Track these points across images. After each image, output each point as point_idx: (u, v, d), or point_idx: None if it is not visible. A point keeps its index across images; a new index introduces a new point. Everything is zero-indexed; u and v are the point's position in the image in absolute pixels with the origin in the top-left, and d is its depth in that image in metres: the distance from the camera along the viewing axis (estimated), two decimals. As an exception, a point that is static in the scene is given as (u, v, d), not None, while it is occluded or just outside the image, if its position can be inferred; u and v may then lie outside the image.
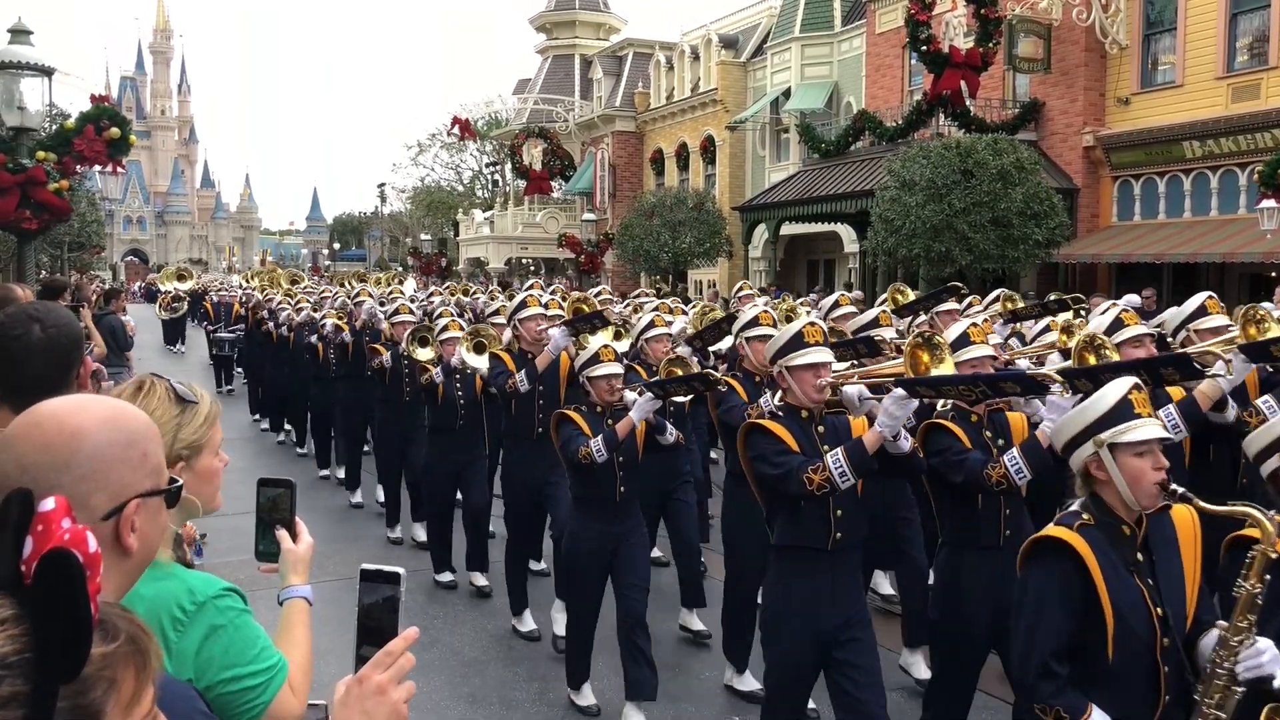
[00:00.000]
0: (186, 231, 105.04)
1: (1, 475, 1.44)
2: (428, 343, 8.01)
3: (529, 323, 6.88)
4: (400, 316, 9.34)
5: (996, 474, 4.25)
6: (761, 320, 5.89)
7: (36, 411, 1.50)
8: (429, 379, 7.65)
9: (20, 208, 11.22)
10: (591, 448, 5.28)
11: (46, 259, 28.04)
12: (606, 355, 5.63)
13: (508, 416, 6.94)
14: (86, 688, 1.06)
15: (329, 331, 11.13)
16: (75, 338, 2.73)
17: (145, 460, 1.53)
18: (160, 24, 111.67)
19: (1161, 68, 20.21)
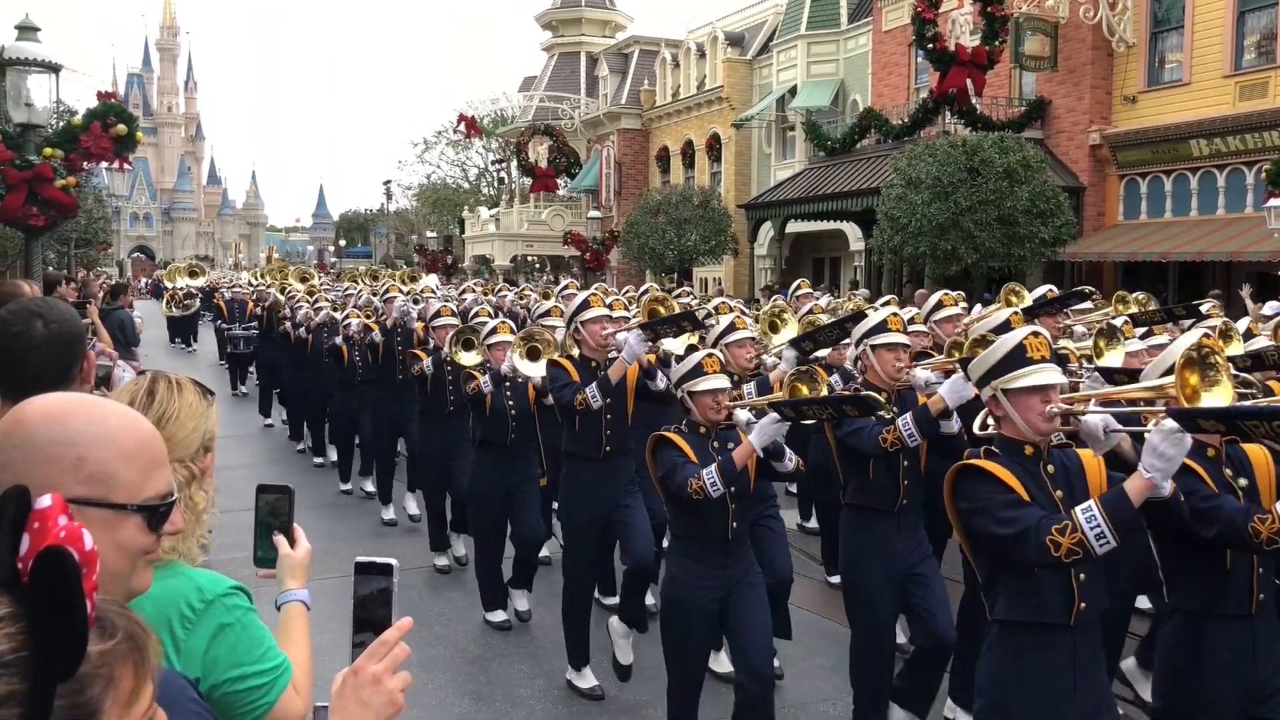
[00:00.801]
0: (193, 228, 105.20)
1: None
2: (472, 346, 7.19)
3: (592, 325, 6.00)
4: (441, 320, 8.39)
5: (1267, 527, 3.29)
6: (891, 325, 5.12)
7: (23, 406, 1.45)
8: (476, 388, 6.76)
9: (27, 204, 11.21)
10: (705, 480, 4.41)
11: (53, 255, 28.07)
12: (711, 367, 4.76)
13: (570, 433, 6.05)
14: (84, 685, 1.06)
15: (355, 332, 10.30)
16: (77, 333, 2.74)
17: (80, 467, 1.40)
18: (167, 21, 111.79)
19: (1169, 66, 20.16)
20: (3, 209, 11.37)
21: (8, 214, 11.44)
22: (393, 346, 9.67)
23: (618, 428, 5.90)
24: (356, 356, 10.49)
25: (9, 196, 11.19)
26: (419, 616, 7.07)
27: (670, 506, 4.88)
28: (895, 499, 4.96)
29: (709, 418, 4.75)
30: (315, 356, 11.84)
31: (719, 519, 4.67)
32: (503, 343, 6.83)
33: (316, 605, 2.36)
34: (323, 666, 2.27)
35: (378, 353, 9.81)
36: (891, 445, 4.63)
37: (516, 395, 6.92)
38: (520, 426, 6.97)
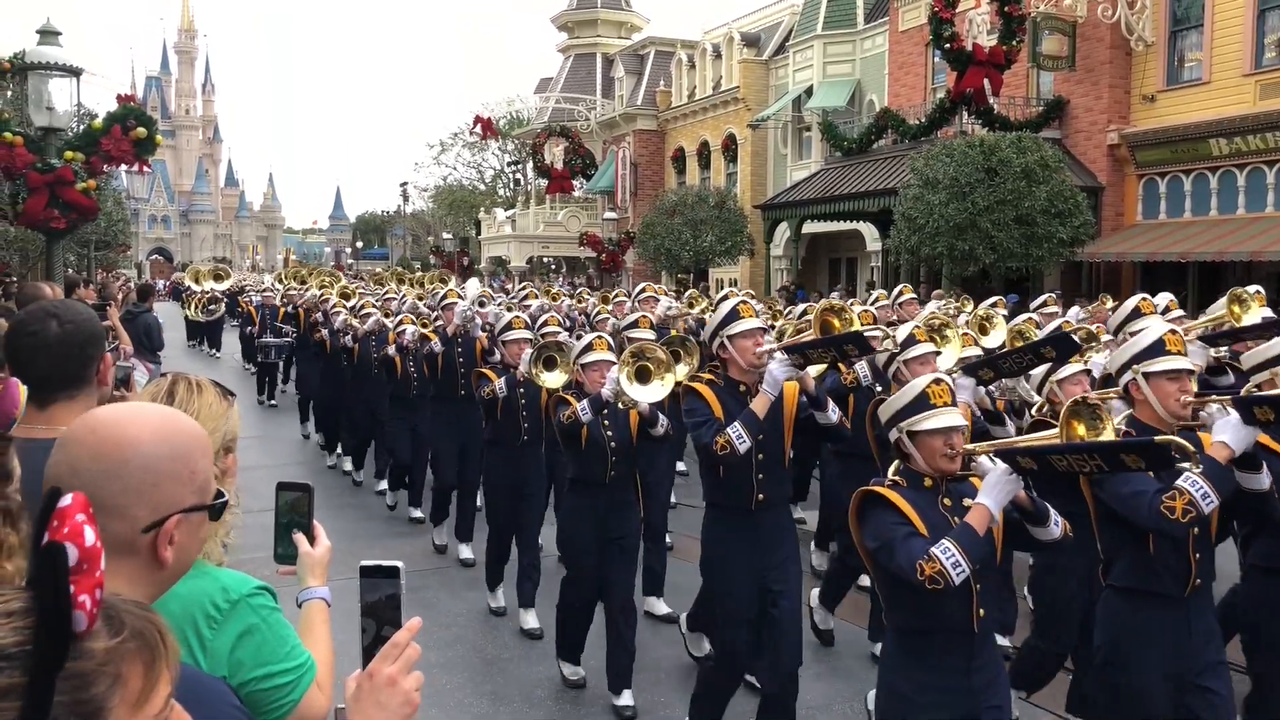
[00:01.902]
0: (211, 230, 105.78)
1: (55, 476, 1.49)
2: (555, 365, 6.15)
3: (743, 341, 4.77)
4: (514, 333, 7.22)
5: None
6: (1169, 345, 4.03)
7: (94, 416, 1.54)
8: (572, 417, 5.58)
9: (49, 207, 11.33)
10: (941, 558, 3.35)
11: (73, 258, 28.27)
12: (939, 397, 3.72)
13: (711, 480, 4.95)
14: (87, 683, 1.05)
15: (410, 340, 9.23)
16: (92, 334, 2.76)
17: (193, 476, 1.55)
18: (185, 24, 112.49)
19: (1188, 64, 20.04)
20: (25, 212, 11.48)
21: (30, 217, 11.55)
22: (453, 359, 8.69)
23: (771, 472, 4.84)
24: (411, 368, 9.59)
25: (31, 200, 11.30)
26: (438, 617, 7.10)
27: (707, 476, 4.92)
28: (1186, 581, 3.86)
29: (938, 465, 3.61)
30: (363, 368, 10.82)
31: (960, 608, 3.51)
32: (601, 362, 5.77)
33: (337, 604, 2.37)
34: (343, 665, 2.28)
35: (436, 365, 8.80)
36: (1183, 514, 3.56)
37: (617, 426, 5.79)
38: (621, 463, 5.79)
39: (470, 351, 8.59)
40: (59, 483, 1.43)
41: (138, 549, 1.51)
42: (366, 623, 1.59)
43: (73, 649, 1.04)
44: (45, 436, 2.56)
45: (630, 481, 5.94)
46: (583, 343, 5.96)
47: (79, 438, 1.51)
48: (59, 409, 2.65)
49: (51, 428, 2.61)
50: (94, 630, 1.07)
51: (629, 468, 5.90)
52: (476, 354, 8.48)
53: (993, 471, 3.46)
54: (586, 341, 5.93)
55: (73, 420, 2.61)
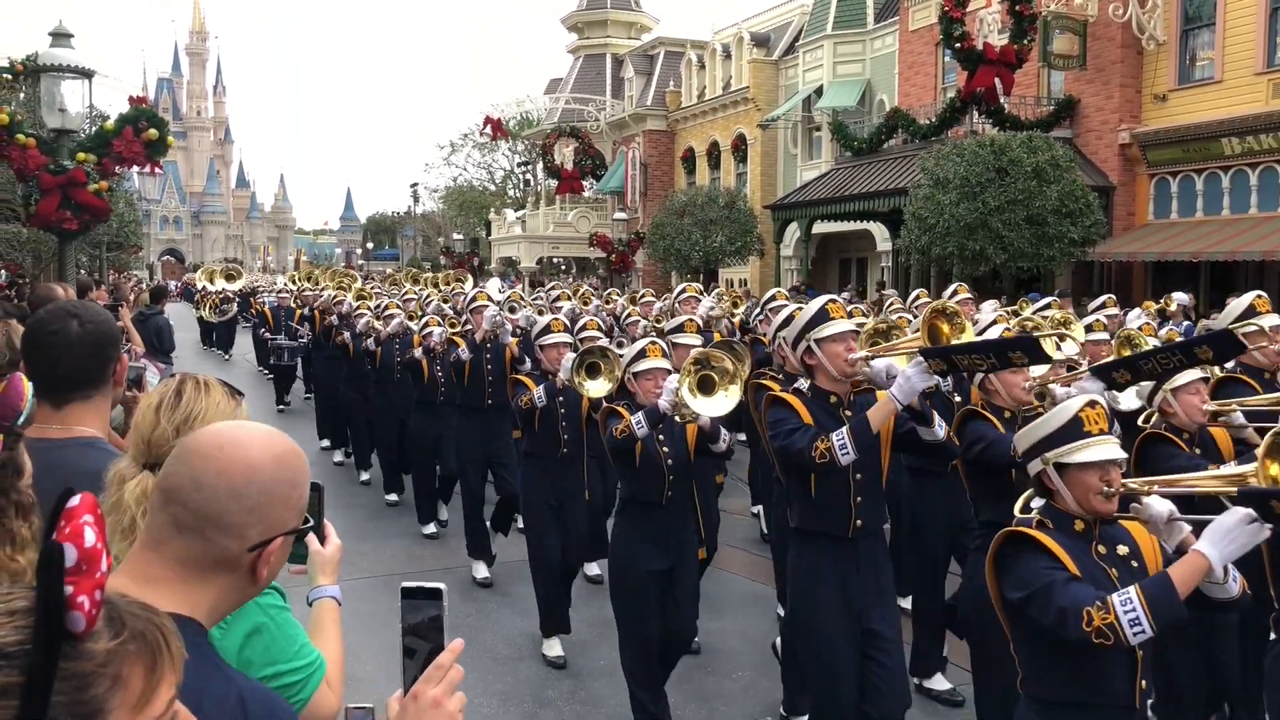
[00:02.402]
0: (222, 231, 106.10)
1: (176, 486, 1.53)
2: (600, 372, 5.73)
3: (833, 345, 4.33)
4: (552, 337, 6.79)
5: None
6: None
7: (219, 433, 1.59)
8: (625, 431, 5.01)
9: (61, 208, 11.35)
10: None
11: (86, 259, 28.37)
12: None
13: (802, 500, 4.44)
14: (86, 684, 1.05)
15: (437, 343, 8.85)
16: (112, 335, 2.77)
17: (300, 500, 1.63)
18: (196, 26, 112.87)
19: (1200, 63, 19.96)
20: (37, 213, 11.52)
21: (42, 218, 11.58)
22: (481, 366, 8.17)
23: (869, 493, 4.39)
24: (439, 372, 9.07)
25: (43, 201, 11.33)
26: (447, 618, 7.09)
27: (795, 485, 4.47)
28: None
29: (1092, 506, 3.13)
30: (385, 372, 10.43)
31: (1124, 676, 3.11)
32: (656, 370, 5.23)
33: (346, 605, 2.38)
34: (351, 666, 2.28)
35: (463, 373, 8.20)
36: None
37: (673, 441, 5.29)
38: (679, 482, 5.29)
39: (499, 359, 8.14)
40: (181, 493, 1.52)
41: (239, 565, 1.57)
42: (408, 643, 1.61)
43: (71, 649, 1.04)
44: (59, 436, 2.58)
45: (689, 502, 5.46)
46: (635, 348, 5.41)
47: (204, 452, 1.55)
48: (74, 409, 2.66)
49: (66, 428, 2.62)
50: (94, 631, 1.07)
51: (687, 486, 5.40)
52: (506, 362, 8.07)
53: (1229, 515, 2.76)
54: (639, 348, 5.37)
55: (86, 421, 2.65)
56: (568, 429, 6.65)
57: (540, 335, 6.87)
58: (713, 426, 5.12)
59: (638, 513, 5.29)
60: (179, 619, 1.50)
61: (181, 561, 1.53)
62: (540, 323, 7.05)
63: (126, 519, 2.01)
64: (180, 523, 1.52)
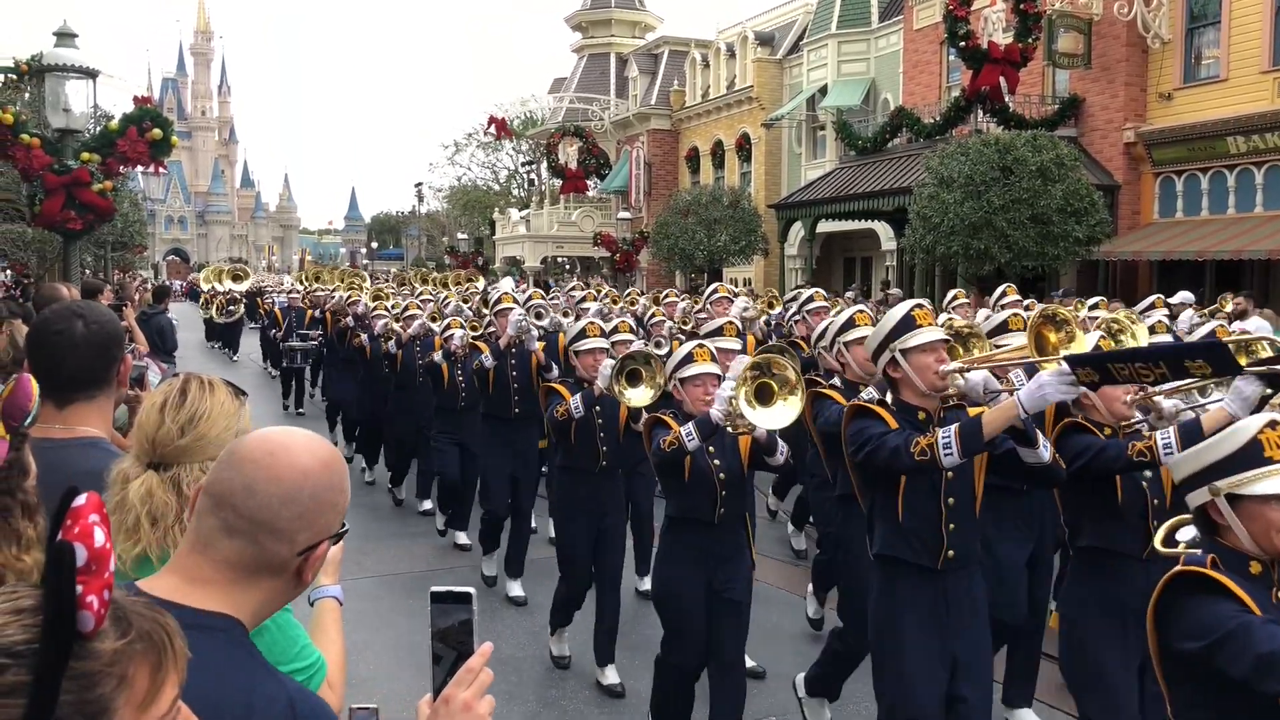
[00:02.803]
0: (227, 231, 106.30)
1: (228, 491, 1.56)
2: (641, 379, 5.32)
3: (923, 356, 3.86)
4: (589, 342, 6.31)
5: None
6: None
7: (268, 439, 1.61)
8: (674, 443, 4.55)
9: (65, 208, 11.39)
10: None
11: (90, 258, 28.44)
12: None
13: (888, 529, 3.95)
14: (93, 683, 1.06)
15: (458, 346, 8.41)
16: (116, 335, 2.78)
17: (343, 505, 1.66)
18: (201, 26, 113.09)
19: (1205, 62, 19.92)
20: (42, 213, 11.55)
21: (47, 218, 11.61)
22: (506, 373, 7.73)
23: (963, 520, 3.91)
24: (460, 377, 8.70)
25: (48, 201, 11.36)
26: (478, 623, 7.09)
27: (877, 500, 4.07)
28: None
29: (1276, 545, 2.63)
30: (406, 375, 10.04)
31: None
32: (705, 376, 4.82)
33: (350, 605, 2.38)
34: (354, 666, 2.28)
35: (487, 380, 7.77)
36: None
37: (725, 454, 4.85)
38: (731, 499, 4.84)
39: (525, 365, 7.67)
40: (233, 498, 1.55)
41: (287, 569, 1.59)
42: (438, 648, 1.61)
43: (79, 649, 1.04)
44: (62, 437, 2.58)
45: (741, 521, 4.96)
46: (681, 353, 4.97)
47: (255, 459, 1.57)
48: (77, 409, 2.66)
49: (69, 428, 2.62)
50: (101, 631, 1.07)
51: (740, 504, 4.90)
52: (532, 368, 7.57)
53: None
54: (686, 351, 4.94)
55: (89, 421, 2.65)
56: (606, 440, 6.21)
57: (575, 340, 6.39)
58: (769, 438, 4.67)
59: (686, 531, 4.85)
60: (228, 619, 1.53)
61: (231, 565, 1.55)
62: (574, 327, 6.45)
63: (131, 518, 2.01)
64: (232, 527, 1.55)
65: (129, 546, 1.98)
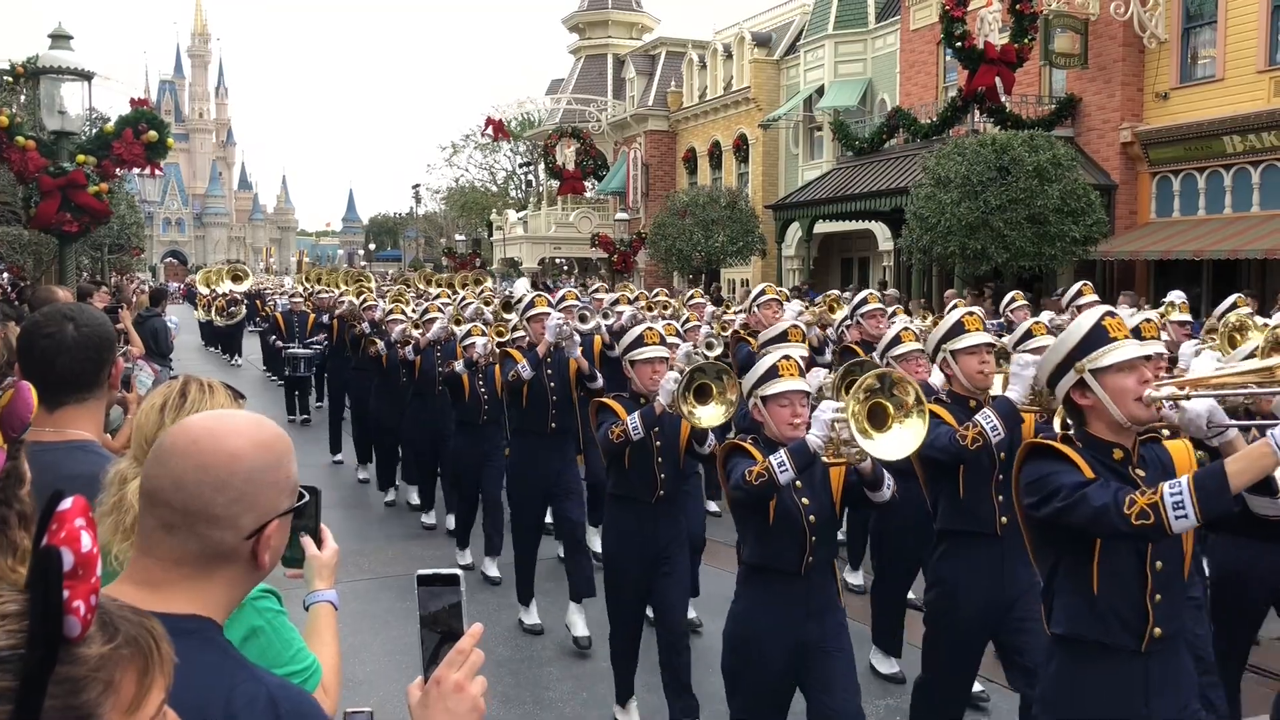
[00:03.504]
0: (224, 233, 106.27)
1: (158, 488, 1.52)
2: (711, 395, 4.64)
3: (1120, 378, 3.01)
4: (647, 350, 5.41)
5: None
6: None
7: (191, 428, 1.57)
8: (763, 476, 3.82)
9: (61, 211, 11.36)
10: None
11: (87, 261, 28.39)
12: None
13: (1073, 595, 3.11)
14: (79, 688, 1.05)
15: (481, 355, 7.85)
16: (107, 338, 2.76)
17: (287, 481, 1.61)
18: (198, 28, 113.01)
19: (1201, 62, 19.94)
20: (38, 215, 11.53)
21: (43, 220, 11.59)
22: (544, 385, 6.94)
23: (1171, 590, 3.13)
24: (481, 388, 8.06)
25: (44, 203, 11.34)
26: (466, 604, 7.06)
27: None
28: None
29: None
30: (425, 384, 9.39)
31: None
32: (794, 394, 4.12)
33: (345, 607, 2.37)
34: (351, 668, 2.27)
35: (521, 394, 6.93)
36: None
37: (815, 490, 4.12)
38: (821, 545, 4.08)
39: (563, 376, 6.97)
40: (160, 495, 1.51)
41: (239, 555, 1.56)
42: (427, 632, 1.60)
43: (65, 654, 1.03)
44: (53, 440, 2.57)
45: (831, 571, 4.21)
46: (763, 366, 4.20)
47: (180, 450, 1.53)
48: (67, 412, 2.65)
49: (59, 431, 2.61)
50: (88, 636, 1.06)
51: (830, 551, 4.18)
52: (570, 379, 6.97)
53: None
54: (769, 364, 4.17)
55: (79, 424, 2.64)
56: (664, 466, 5.40)
57: (632, 348, 5.45)
58: (875, 471, 3.96)
59: (766, 584, 4.09)
60: (199, 620, 1.51)
61: (179, 562, 1.52)
62: (631, 333, 5.64)
63: (129, 519, 2.00)
64: (169, 524, 1.51)
65: (127, 547, 1.97)
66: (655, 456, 5.37)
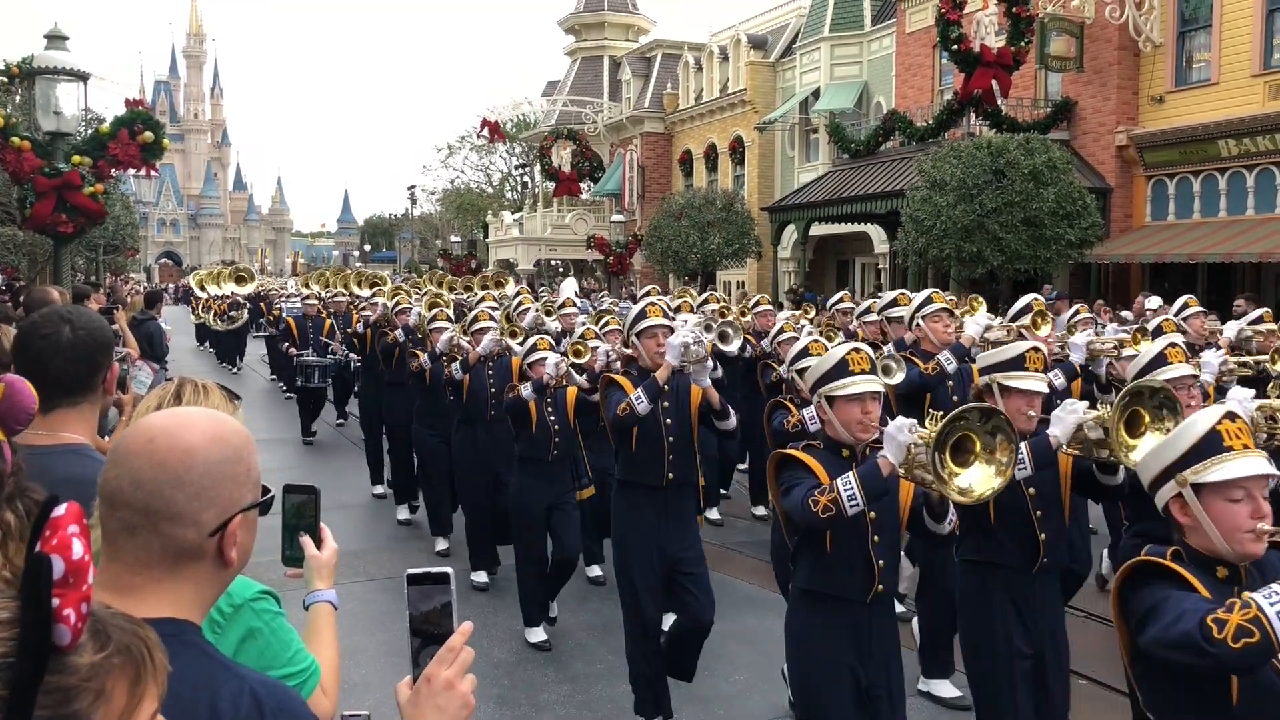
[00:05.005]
0: (219, 234, 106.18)
1: (116, 490, 1.50)
2: (972, 451, 3.51)
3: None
4: (854, 384, 3.84)
5: None
6: None
7: (147, 427, 1.55)
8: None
9: (56, 211, 11.34)
10: None
11: (82, 262, 28.36)
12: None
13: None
14: (70, 697, 1.04)
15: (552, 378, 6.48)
16: (104, 341, 2.75)
17: (248, 475, 1.59)
18: (193, 28, 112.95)
19: (1196, 65, 19.98)
20: (33, 216, 11.51)
21: (38, 221, 11.57)
22: (659, 425, 5.27)
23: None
24: (551, 416, 6.74)
25: (39, 204, 11.32)
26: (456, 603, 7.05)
27: None
28: None
29: None
30: (476, 408, 7.89)
31: None
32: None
33: (344, 608, 2.37)
34: (349, 669, 2.27)
35: (631, 436, 5.27)
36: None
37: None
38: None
39: (684, 410, 5.35)
40: (120, 496, 1.49)
41: (205, 553, 1.54)
42: (416, 631, 1.60)
43: (55, 663, 1.02)
44: (46, 443, 2.55)
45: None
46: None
47: (136, 449, 1.52)
48: (61, 415, 2.63)
49: (52, 434, 2.59)
50: (79, 644, 1.05)
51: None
52: (693, 415, 5.35)
53: None
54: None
55: (73, 427, 2.63)
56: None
57: (829, 380, 3.88)
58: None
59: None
60: (175, 623, 1.49)
61: (146, 563, 1.50)
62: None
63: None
64: (131, 525, 1.49)
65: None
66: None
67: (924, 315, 6.71)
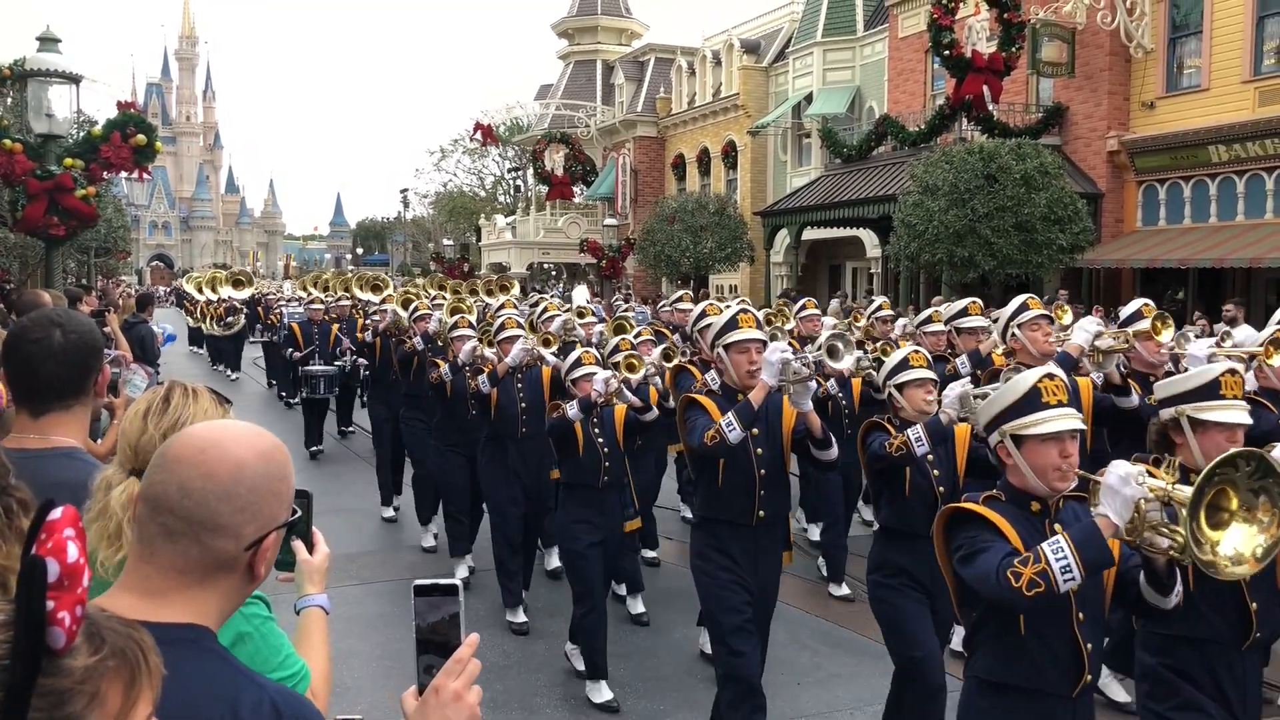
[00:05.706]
0: (211, 236, 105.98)
1: (162, 495, 1.51)
2: (1231, 512, 2.77)
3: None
4: (742, 332, 4.57)
5: None
6: None
7: (197, 436, 1.56)
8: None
9: (48, 214, 11.33)
10: None
11: (74, 264, 28.29)
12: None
13: None
14: (64, 700, 1.04)
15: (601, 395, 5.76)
16: (95, 345, 2.74)
17: (288, 493, 1.62)
18: (186, 31, 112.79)
19: (1187, 71, 20.08)
20: (24, 219, 11.49)
21: (29, 223, 11.55)
22: (749, 458, 4.66)
23: None
24: (599, 438, 6.00)
25: (30, 206, 11.30)
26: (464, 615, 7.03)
27: None
28: None
29: None
30: (505, 424, 7.10)
31: None
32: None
33: (338, 612, 2.37)
34: (342, 673, 2.27)
35: (718, 469, 4.64)
36: None
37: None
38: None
39: (775, 437, 4.74)
40: (165, 502, 1.50)
41: (238, 565, 1.56)
42: (423, 643, 1.60)
43: (49, 666, 1.02)
44: (38, 447, 2.54)
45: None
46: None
47: (187, 457, 1.53)
48: (52, 419, 2.62)
49: (44, 437, 2.58)
50: (74, 647, 1.05)
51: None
52: (786, 441, 4.75)
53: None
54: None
55: (65, 431, 2.62)
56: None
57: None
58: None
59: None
60: (195, 629, 1.50)
61: (180, 570, 1.51)
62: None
63: (113, 525, 1.99)
64: (173, 531, 1.50)
65: (111, 553, 1.96)
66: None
67: (1020, 324, 5.89)
